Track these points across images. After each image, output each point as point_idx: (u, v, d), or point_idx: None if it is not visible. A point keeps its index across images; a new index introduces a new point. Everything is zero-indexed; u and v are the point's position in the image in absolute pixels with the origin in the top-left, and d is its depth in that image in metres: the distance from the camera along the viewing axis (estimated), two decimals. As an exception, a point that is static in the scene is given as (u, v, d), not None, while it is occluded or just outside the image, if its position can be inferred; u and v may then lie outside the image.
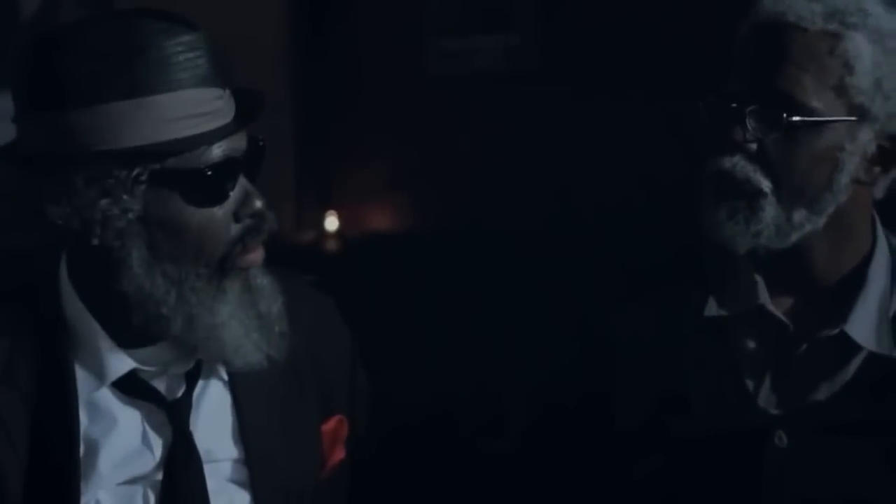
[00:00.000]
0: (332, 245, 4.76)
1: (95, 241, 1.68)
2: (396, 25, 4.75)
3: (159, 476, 1.76)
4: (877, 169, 1.85)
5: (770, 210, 1.82)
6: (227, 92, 1.72)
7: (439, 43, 4.66)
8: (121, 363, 1.75)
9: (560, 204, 4.32)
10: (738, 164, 1.82)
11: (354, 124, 4.82)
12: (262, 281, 1.76)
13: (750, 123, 1.81)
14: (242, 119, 1.72)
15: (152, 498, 1.76)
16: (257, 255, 1.74)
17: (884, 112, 1.81)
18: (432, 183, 4.68)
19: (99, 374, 1.75)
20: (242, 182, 1.72)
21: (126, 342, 1.75)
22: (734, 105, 1.82)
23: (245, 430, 1.80)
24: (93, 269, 1.73)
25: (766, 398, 1.88)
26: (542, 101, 4.45)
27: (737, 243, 1.84)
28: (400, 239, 4.68)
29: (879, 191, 1.88)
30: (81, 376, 1.75)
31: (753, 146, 1.82)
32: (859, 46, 1.80)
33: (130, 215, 1.67)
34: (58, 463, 1.72)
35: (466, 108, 4.61)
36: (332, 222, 4.80)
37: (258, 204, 1.72)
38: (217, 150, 1.69)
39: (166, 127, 1.66)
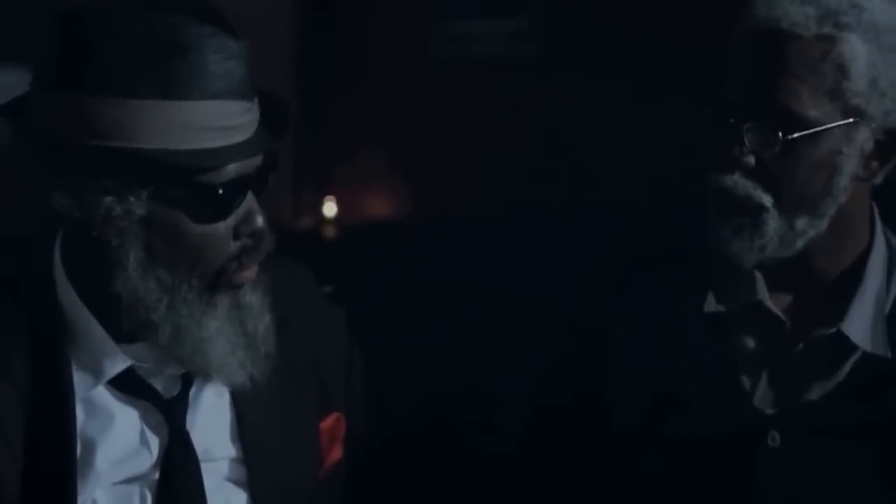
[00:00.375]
0: (329, 231, 4.77)
1: (94, 233, 1.64)
2: (401, 8, 4.73)
3: (156, 475, 1.74)
4: (875, 164, 1.85)
5: (773, 223, 1.82)
6: (255, 101, 1.68)
7: (444, 26, 4.64)
8: (118, 360, 1.72)
9: (562, 193, 4.31)
10: (738, 181, 1.81)
11: (354, 109, 4.82)
12: (252, 298, 1.73)
13: (748, 140, 1.80)
14: (267, 140, 1.67)
15: (149, 497, 1.74)
16: (251, 273, 1.72)
17: (880, 110, 1.80)
18: (432, 169, 4.67)
19: (96, 371, 1.73)
20: (248, 198, 1.68)
21: (121, 336, 1.72)
22: (732, 121, 1.81)
23: (243, 429, 1.79)
24: (88, 262, 1.69)
25: (761, 397, 1.88)
26: (547, 87, 4.43)
27: (743, 259, 1.85)
28: (398, 225, 4.68)
29: (878, 178, 1.88)
30: (78, 373, 1.72)
31: (752, 162, 1.81)
32: (854, 48, 1.78)
33: (133, 217, 1.63)
34: (54, 461, 1.70)
35: (469, 94, 4.60)
36: (330, 208, 4.81)
37: (259, 223, 1.68)
38: (232, 168, 1.64)
39: (192, 136, 1.60)
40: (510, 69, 4.54)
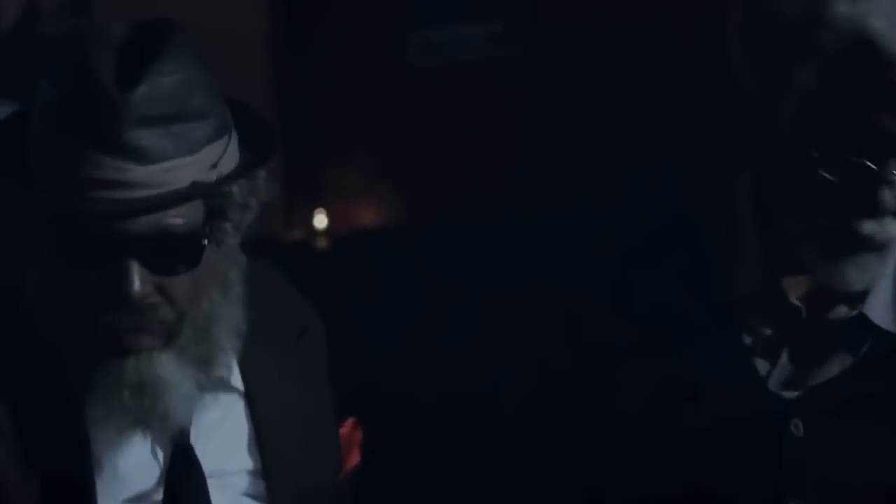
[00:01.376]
0: (321, 243, 4.77)
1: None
2: (377, 18, 4.75)
3: (161, 492, 1.70)
4: None
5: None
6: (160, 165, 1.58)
7: (421, 34, 4.67)
8: None
9: (546, 193, 4.32)
10: (883, 227, 1.72)
11: (339, 120, 4.83)
12: (160, 370, 1.63)
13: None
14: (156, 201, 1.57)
15: None
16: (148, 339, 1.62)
17: None
18: (419, 176, 4.69)
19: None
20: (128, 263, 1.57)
21: None
22: (874, 168, 1.68)
23: (261, 440, 1.75)
24: None
25: (778, 382, 1.84)
26: (526, 89, 4.44)
27: (856, 286, 1.79)
28: (388, 235, 4.69)
29: None
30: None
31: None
32: None
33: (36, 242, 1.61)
34: (73, 479, 1.65)
35: (450, 99, 4.62)
36: (320, 220, 4.81)
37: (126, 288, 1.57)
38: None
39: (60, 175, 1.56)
40: (488, 72, 4.56)
